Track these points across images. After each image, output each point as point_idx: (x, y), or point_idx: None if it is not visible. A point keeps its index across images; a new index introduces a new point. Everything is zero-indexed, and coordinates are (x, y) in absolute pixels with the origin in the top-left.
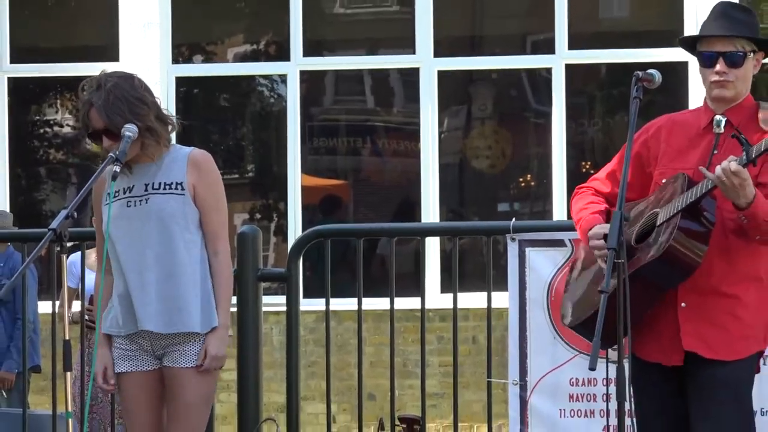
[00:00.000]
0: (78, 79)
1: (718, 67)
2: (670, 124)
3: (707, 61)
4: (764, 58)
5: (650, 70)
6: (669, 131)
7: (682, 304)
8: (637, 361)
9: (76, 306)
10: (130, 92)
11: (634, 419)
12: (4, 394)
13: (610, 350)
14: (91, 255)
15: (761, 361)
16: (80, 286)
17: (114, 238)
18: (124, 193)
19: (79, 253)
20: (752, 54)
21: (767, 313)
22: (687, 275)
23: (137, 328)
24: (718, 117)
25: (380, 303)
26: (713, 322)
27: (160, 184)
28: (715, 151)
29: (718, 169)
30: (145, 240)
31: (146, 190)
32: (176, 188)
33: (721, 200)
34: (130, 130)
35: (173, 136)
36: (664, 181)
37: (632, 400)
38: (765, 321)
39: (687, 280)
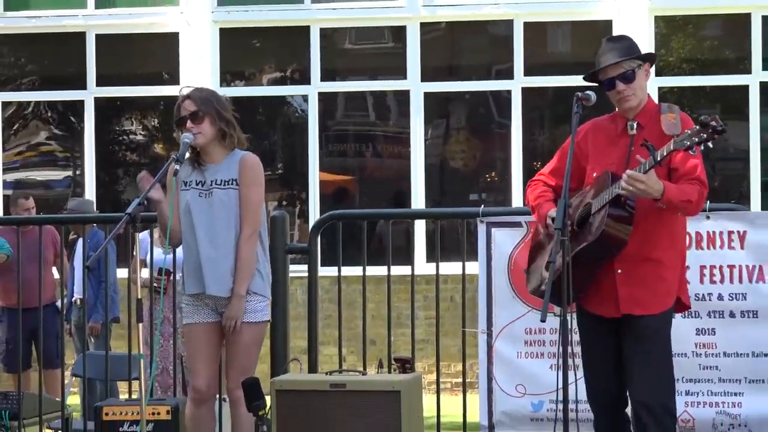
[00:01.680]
0: (148, 99)
1: (617, 87)
2: (595, 129)
3: (608, 86)
4: (651, 66)
5: (587, 92)
6: (594, 134)
7: (618, 271)
8: (584, 312)
9: (145, 272)
10: (219, 97)
11: (582, 358)
12: (93, 339)
13: (556, 306)
14: (156, 233)
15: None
16: (149, 259)
17: (188, 220)
18: (196, 185)
19: (148, 231)
20: (639, 68)
21: (681, 269)
22: (620, 250)
23: (200, 291)
24: (630, 122)
25: (379, 270)
26: (643, 284)
27: (221, 181)
28: (632, 148)
29: (622, 183)
30: (206, 228)
31: (211, 185)
32: (232, 184)
33: None
34: (187, 137)
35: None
36: (594, 175)
37: (579, 344)
38: (680, 275)
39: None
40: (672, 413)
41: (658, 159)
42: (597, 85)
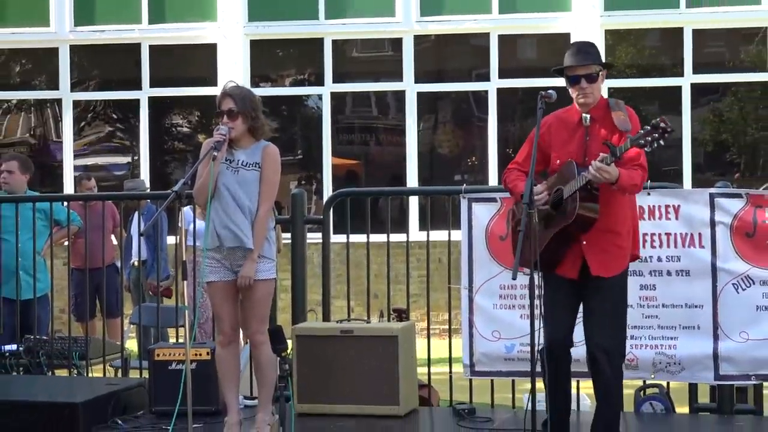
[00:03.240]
0: (192, 98)
1: (581, 84)
2: (557, 122)
3: (573, 82)
4: (606, 73)
5: (549, 91)
6: (556, 127)
7: (584, 242)
8: (552, 275)
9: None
10: (254, 98)
11: (543, 306)
12: (150, 293)
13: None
14: (197, 209)
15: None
16: (192, 229)
17: (219, 188)
18: (225, 160)
19: (191, 206)
20: (600, 73)
21: (635, 234)
22: (591, 227)
23: (218, 244)
24: (584, 115)
25: (380, 237)
26: (604, 252)
27: (246, 162)
28: (587, 138)
29: (591, 170)
30: (232, 193)
31: (238, 164)
32: (255, 167)
33: None
34: (223, 130)
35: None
36: (558, 162)
37: (543, 296)
38: (634, 239)
39: None
40: (623, 354)
41: (618, 155)
42: (561, 77)
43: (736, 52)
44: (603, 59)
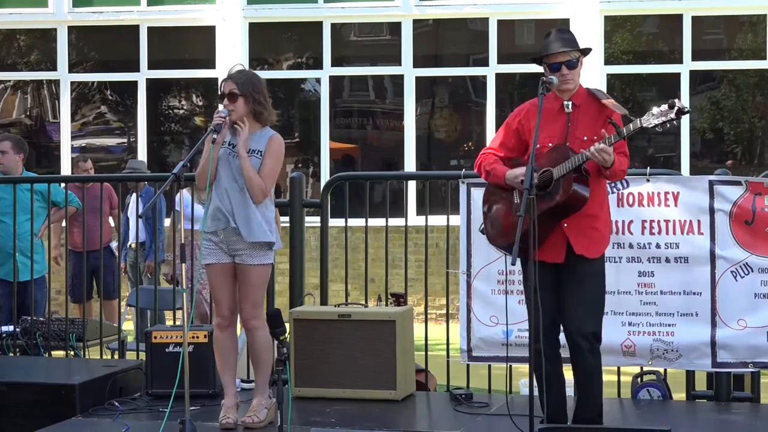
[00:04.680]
0: (190, 80)
1: (562, 71)
2: (535, 109)
3: (554, 69)
4: (584, 58)
5: (551, 76)
6: (534, 113)
7: (565, 225)
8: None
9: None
10: (257, 80)
11: (525, 295)
12: (149, 276)
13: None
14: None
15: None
16: (191, 212)
17: (219, 172)
18: (228, 145)
19: (189, 188)
20: (580, 59)
21: (609, 223)
22: (581, 208)
23: (218, 227)
24: (566, 102)
25: (378, 222)
26: (584, 235)
27: (249, 149)
28: (569, 124)
29: (592, 149)
30: (235, 179)
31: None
32: (257, 154)
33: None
34: (223, 112)
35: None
36: (551, 145)
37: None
38: (609, 229)
39: None
40: (600, 339)
41: (624, 135)
42: (539, 65)
43: (734, 40)
44: (593, 43)
